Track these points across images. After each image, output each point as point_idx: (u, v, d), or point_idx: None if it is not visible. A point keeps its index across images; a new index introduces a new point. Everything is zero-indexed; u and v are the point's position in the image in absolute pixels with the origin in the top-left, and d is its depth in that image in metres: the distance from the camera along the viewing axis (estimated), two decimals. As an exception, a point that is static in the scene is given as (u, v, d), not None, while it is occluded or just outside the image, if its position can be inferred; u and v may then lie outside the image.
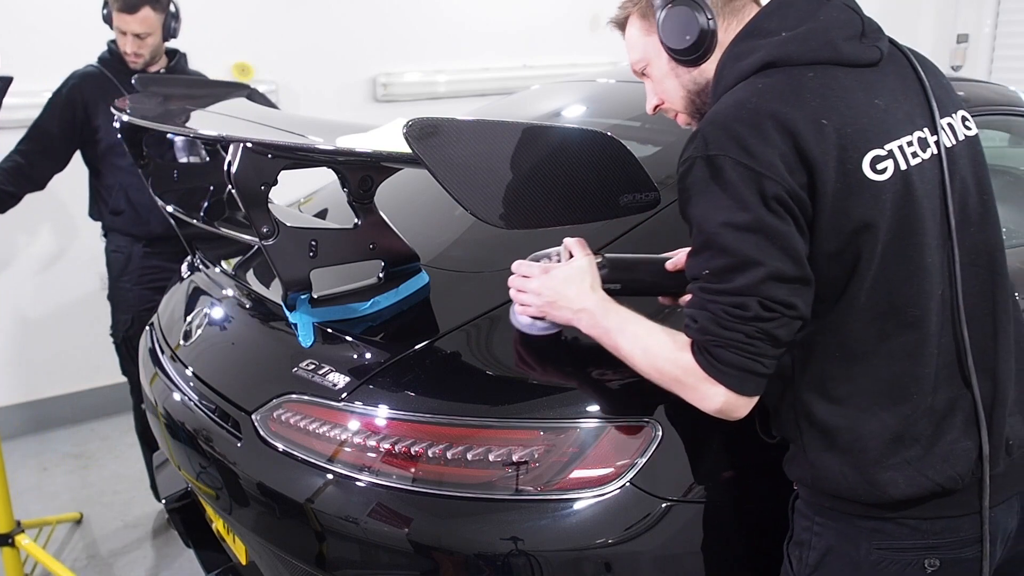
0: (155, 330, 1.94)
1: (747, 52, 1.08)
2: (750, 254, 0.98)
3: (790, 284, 1.00)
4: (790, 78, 1.04)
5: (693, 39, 1.11)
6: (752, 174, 0.98)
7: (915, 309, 1.05)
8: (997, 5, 5.46)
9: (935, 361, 1.06)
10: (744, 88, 1.05)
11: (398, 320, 1.47)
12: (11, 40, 3.04)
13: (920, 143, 1.07)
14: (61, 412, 3.41)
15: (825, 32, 1.07)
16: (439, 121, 1.06)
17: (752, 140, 0.99)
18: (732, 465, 1.32)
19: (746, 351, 1.00)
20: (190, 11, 3.37)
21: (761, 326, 0.99)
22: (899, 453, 1.06)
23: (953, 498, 1.08)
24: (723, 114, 1.03)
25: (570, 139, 1.18)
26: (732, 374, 1.01)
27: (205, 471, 1.52)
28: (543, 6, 4.29)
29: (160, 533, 2.62)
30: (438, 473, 1.26)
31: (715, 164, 1.00)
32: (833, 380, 1.08)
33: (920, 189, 1.05)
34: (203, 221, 1.60)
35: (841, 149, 1.00)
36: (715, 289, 1.01)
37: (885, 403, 1.06)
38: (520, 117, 2.10)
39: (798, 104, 1.01)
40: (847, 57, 1.07)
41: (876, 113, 1.05)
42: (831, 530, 1.13)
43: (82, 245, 3.32)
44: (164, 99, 1.90)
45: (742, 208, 0.98)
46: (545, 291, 1.23)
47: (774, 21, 1.09)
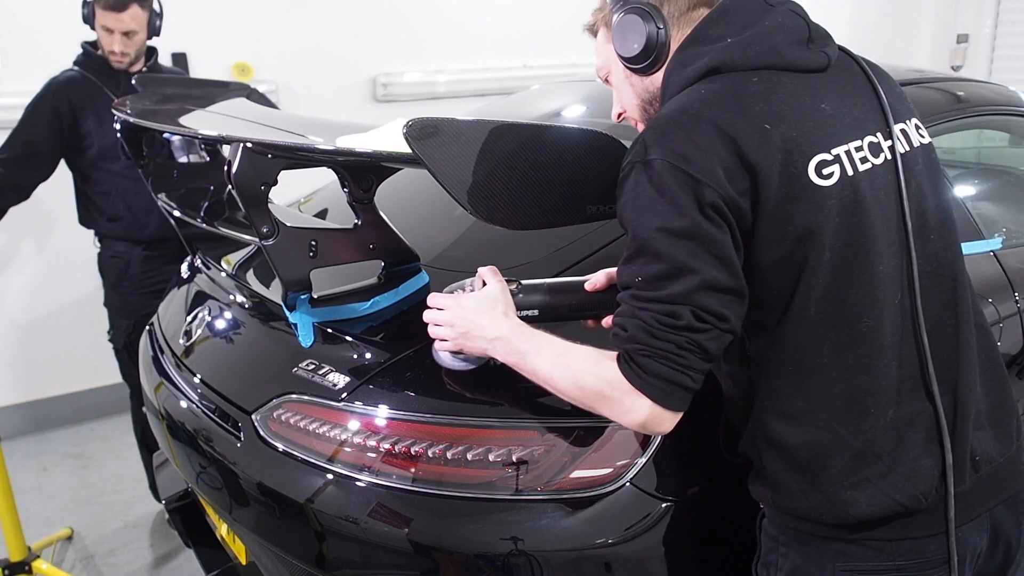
0: (155, 331, 1.94)
1: (692, 59, 1.07)
2: (685, 261, 0.96)
3: (723, 295, 0.98)
4: (734, 83, 1.03)
5: (641, 47, 1.10)
6: (690, 180, 0.96)
7: (868, 319, 1.02)
8: (997, 5, 5.46)
9: (894, 373, 1.04)
10: (687, 94, 1.04)
11: (398, 320, 1.47)
12: (11, 40, 3.04)
13: (871, 148, 1.06)
14: (61, 412, 3.41)
15: (769, 37, 1.05)
16: (439, 121, 1.06)
17: (691, 146, 0.97)
18: (732, 465, 1.32)
19: (675, 362, 0.97)
20: (190, 11, 3.38)
21: (692, 336, 0.97)
22: (860, 471, 1.04)
23: (917, 518, 1.05)
24: (664, 120, 1.02)
25: (570, 139, 1.18)
26: (659, 386, 0.98)
27: (205, 471, 1.52)
28: (543, 7, 4.29)
29: (160, 533, 2.62)
30: (438, 473, 1.26)
31: (653, 169, 0.98)
32: (788, 396, 1.06)
33: (870, 195, 1.03)
34: (203, 221, 1.60)
35: (786, 153, 0.99)
36: (647, 297, 0.98)
37: (842, 419, 1.04)
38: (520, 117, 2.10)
39: (740, 110, 1.00)
40: (792, 62, 1.05)
41: (822, 118, 1.03)
42: (796, 551, 1.11)
43: (82, 245, 3.31)
44: (164, 99, 1.90)
45: (678, 214, 0.96)
46: (458, 322, 1.18)
47: (719, 28, 1.08)
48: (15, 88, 3.04)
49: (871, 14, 5.39)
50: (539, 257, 1.49)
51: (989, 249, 1.79)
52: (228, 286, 1.78)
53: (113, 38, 2.49)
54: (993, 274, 1.77)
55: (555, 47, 4.35)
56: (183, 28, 3.37)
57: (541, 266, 1.48)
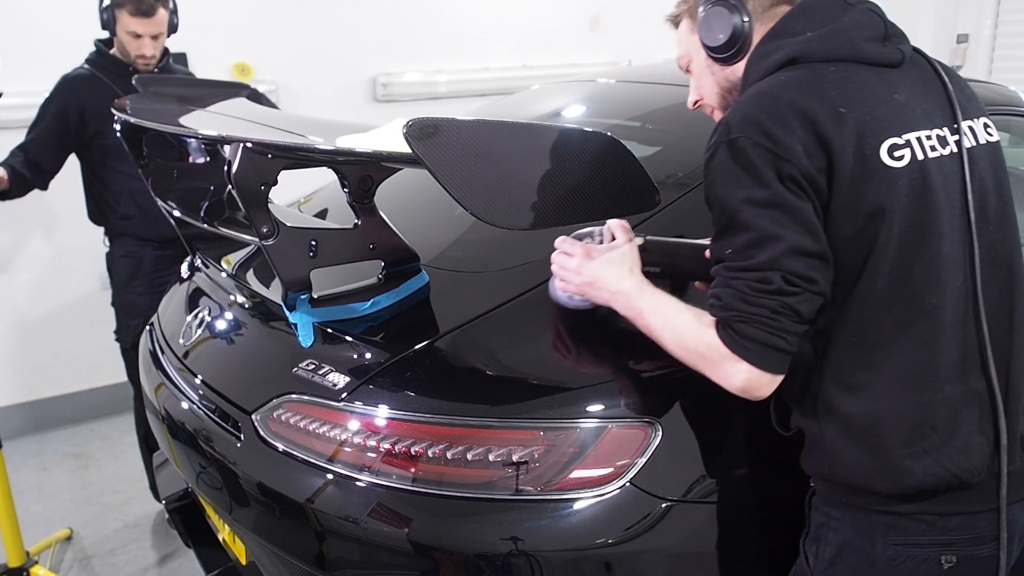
0: (155, 330, 1.94)
1: (772, 50, 1.14)
2: (770, 229, 1.02)
3: (810, 259, 1.03)
4: (811, 71, 1.09)
5: (726, 38, 1.17)
6: (770, 155, 1.03)
7: (932, 297, 1.07)
8: (997, 5, 5.46)
9: (953, 352, 1.08)
10: (767, 81, 1.11)
11: (398, 320, 1.46)
12: (11, 40, 3.04)
13: (939, 140, 1.11)
14: (61, 412, 3.41)
15: (847, 32, 1.11)
16: (439, 121, 1.06)
17: (772, 125, 1.03)
18: (732, 465, 1.32)
19: (769, 326, 1.03)
20: (190, 11, 3.37)
21: (784, 300, 1.02)
22: (916, 442, 1.08)
23: (968, 494, 1.09)
24: (745, 102, 1.09)
25: (570, 139, 1.18)
26: (755, 349, 1.04)
27: (205, 471, 1.52)
28: (543, 6, 4.29)
29: (160, 533, 2.62)
30: (438, 473, 1.26)
31: (736, 147, 1.05)
32: (851, 368, 1.10)
33: (937, 180, 1.08)
34: (203, 221, 1.60)
35: (859, 136, 1.04)
36: (738, 266, 1.05)
37: (902, 391, 1.08)
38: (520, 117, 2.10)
39: (817, 94, 1.06)
40: (868, 56, 1.11)
41: (895, 106, 1.09)
42: (847, 525, 1.14)
43: (82, 245, 3.32)
44: (164, 99, 1.90)
45: (761, 185, 1.03)
46: (585, 272, 1.25)
47: (799, 23, 1.14)
48: (15, 88, 3.04)
49: (871, 14, 5.37)
50: (539, 257, 1.49)
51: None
52: (228, 286, 1.78)
53: (143, 42, 2.53)
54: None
55: (555, 47, 4.35)
56: (183, 28, 3.36)
57: (541, 266, 1.48)
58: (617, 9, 4.48)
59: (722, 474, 1.31)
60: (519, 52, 4.26)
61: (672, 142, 1.87)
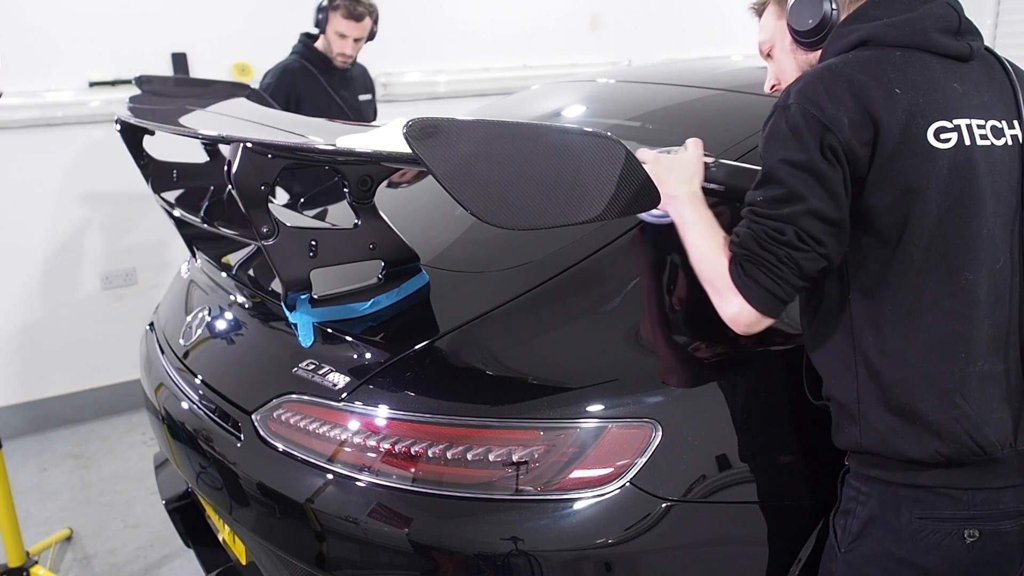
0: (155, 330, 1.94)
1: (848, 33, 1.21)
2: (798, 189, 1.11)
3: (826, 224, 1.11)
4: (878, 53, 1.17)
5: (816, 22, 1.25)
6: (818, 124, 1.11)
7: (968, 273, 1.13)
8: (997, 5, 5.46)
9: (985, 329, 1.14)
10: (836, 59, 1.18)
11: (398, 320, 1.46)
12: (11, 40, 3.04)
13: (993, 130, 1.16)
14: (61, 412, 3.40)
15: (921, 21, 1.17)
16: (439, 121, 1.06)
17: (825, 97, 1.11)
18: (732, 465, 1.32)
19: (771, 272, 1.12)
20: (190, 11, 3.38)
21: (791, 253, 1.11)
22: (947, 410, 1.12)
23: (993, 469, 1.14)
24: (810, 74, 1.17)
25: (570, 139, 1.18)
26: (754, 289, 1.14)
27: (205, 471, 1.52)
28: (543, 6, 4.28)
29: (160, 533, 2.62)
30: (438, 473, 1.26)
31: (790, 111, 1.13)
32: (887, 335, 1.15)
33: (983, 167, 1.13)
34: (203, 221, 1.60)
35: (910, 115, 1.11)
36: (762, 213, 1.14)
37: (936, 359, 1.13)
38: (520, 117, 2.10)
39: (877, 74, 1.13)
40: (936, 46, 1.17)
41: (950, 93, 1.15)
42: (874, 499, 1.18)
43: (82, 245, 3.32)
44: (164, 99, 1.90)
45: (801, 150, 1.11)
46: (654, 172, 1.29)
47: (879, 9, 1.21)
48: (15, 88, 3.04)
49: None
50: (539, 257, 1.49)
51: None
52: (228, 286, 1.78)
53: (346, 43, 3.05)
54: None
55: (555, 47, 4.35)
56: (183, 28, 3.37)
57: (541, 266, 1.48)
58: (617, 9, 4.48)
59: (722, 474, 1.31)
60: (519, 52, 4.26)
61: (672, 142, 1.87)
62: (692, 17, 4.62)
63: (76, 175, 3.26)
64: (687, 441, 1.29)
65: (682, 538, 1.27)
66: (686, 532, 1.27)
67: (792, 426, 1.37)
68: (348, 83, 3.26)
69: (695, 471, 1.29)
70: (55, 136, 3.17)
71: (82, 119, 3.20)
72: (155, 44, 3.34)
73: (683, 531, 1.27)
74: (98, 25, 3.21)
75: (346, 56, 3.09)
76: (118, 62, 3.25)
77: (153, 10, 3.29)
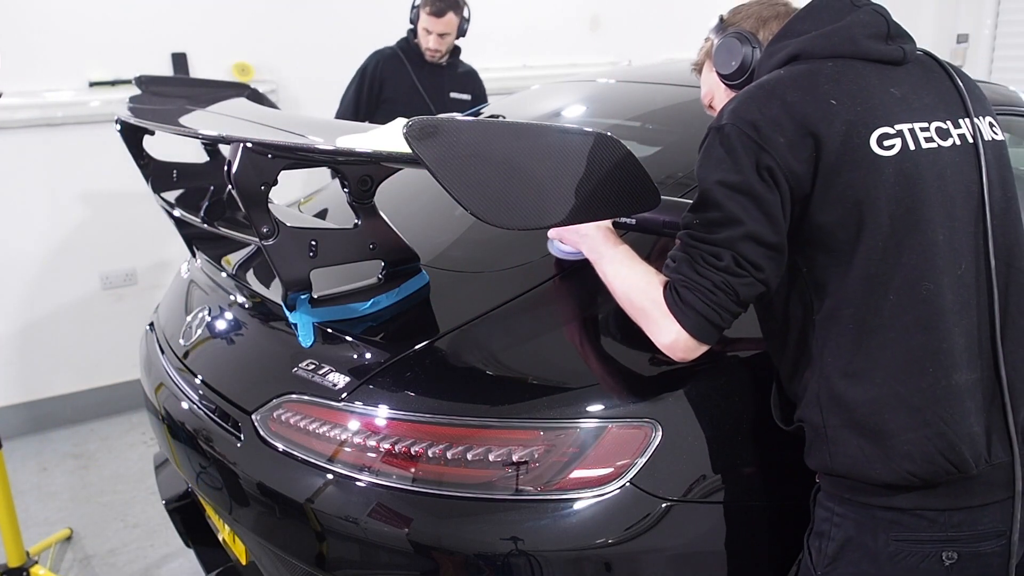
0: (155, 330, 1.94)
1: (778, 50, 1.21)
2: (735, 212, 1.08)
3: (764, 248, 1.09)
4: (810, 67, 1.15)
5: (738, 64, 1.28)
6: (753, 144, 1.09)
7: (928, 283, 1.09)
8: (997, 5, 5.46)
9: (954, 340, 1.10)
10: (768, 76, 1.18)
11: (398, 320, 1.46)
12: (11, 40, 3.04)
13: (939, 132, 1.14)
14: (61, 412, 3.40)
15: (848, 30, 1.16)
16: (439, 121, 1.06)
17: (759, 116, 1.10)
18: (732, 465, 1.32)
19: (709, 298, 1.10)
20: (190, 11, 3.38)
21: (728, 279, 1.09)
22: (916, 429, 1.09)
23: (969, 486, 1.10)
24: (744, 94, 1.15)
25: (570, 139, 1.18)
26: (691, 316, 1.11)
27: (205, 471, 1.52)
28: (543, 6, 4.28)
29: (160, 533, 2.62)
30: (438, 473, 1.26)
31: (724, 132, 1.12)
32: (852, 354, 1.12)
33: (931, 171, 1.11)
34: (203, 221, 1.60)
35: (849, 125, 1.09)
36: (699, 237, 1.12)
37: (902, 377, 1.09)
38: (520, 117, 2.10)
39: (811, 87, 1.12)
40: (868, 53, 1.16)
41: (889, 99, 1.13)
42: (850, 521, 1.15)
43: (82, 245, 3.32)
44: (164, 99, 1.90)
45: (736, 171, 1.09)
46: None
47: (805, 24, 1.21)
48: (15, 88, 3.04)
49: (871, 14, 5.37)
50: (539, 257, 1.49)
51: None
52: (228, 286, 1.78)
53: (431, 38, 3.16)
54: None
55: (555, 47, 4.35)
56: (183, 28, 3.37)
57: (541, 266, 1.48)
58: (617, 9, 4.48)
59: (722, 474, 1.31)
60: (519, 52, 4.26)
61: (672, 142, 1.87)
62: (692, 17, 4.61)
63: (76, 175, 3.26)
64: (687, 441, 1.29)
65: (682, 538, 1.27)
66: (686, 532, 1.27)
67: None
68: (440, 78, 3.32)
69: (695, 471, 1.29)
70: (55, 136, 3.17)
71: (82, 119, 3.20)
72: (155, 44, 3.34)
73: (683, 531, 1.27)
74: (98, 25, 3.21)
75: (432, 51, 3.19)
76: (118, 62, 3.25)
77: (153, 10, 3.29)
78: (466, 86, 3.43)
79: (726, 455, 1.32)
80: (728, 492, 1.31)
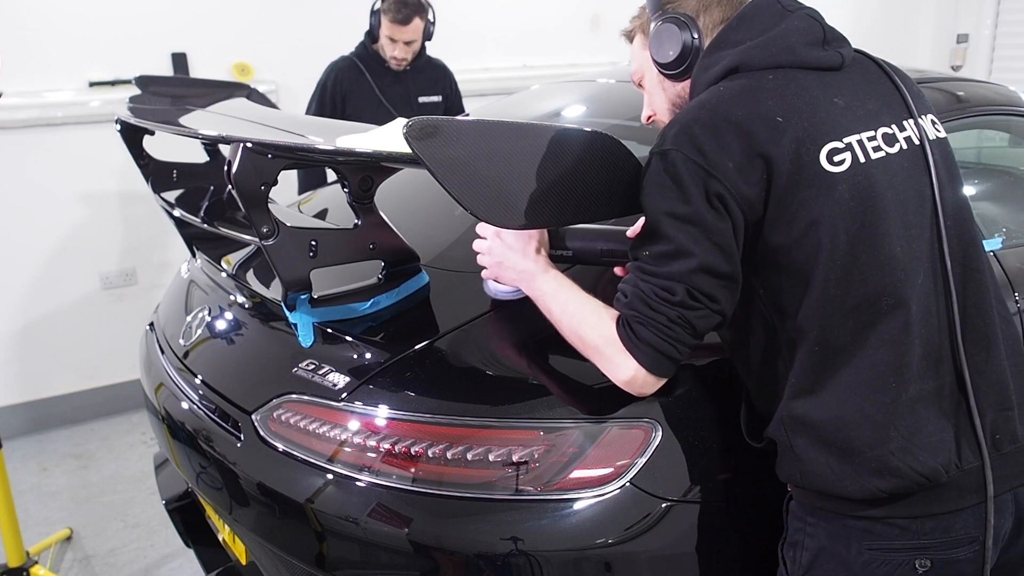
0: (155, 330, 1.94)
1: (714, 62, 1.15)
2: (685, 244, 1.05)
3: (718, 279, 1.06)
4: (751, 81, 1.10)
5: (676, 54, 1.19)
6: (701, 171, 1.04)
7: (889, 298, 1.06)
8: (997, 5, 5.46)
9: (916, 350, 1.07)
10: (708, 93, 1.12)
11: (398, 320, 1.47)
12: (11, 40, 3.04)
13: (885, 138, 1.11)
14: (61, 412, 3.40)
15: (785, 38, 1.13)
16: (439, 121, 1.06)
17: (705, 140, 1.05)
18: (732, 466, 1.32)
19: (664, 333, 1.07)
20: (190, 11, 3.38)
21: (683, 313, 1.06)
22: (883, 444, 1.06)
23: (939, 493, 1.08)
24: (685, 115, 1.09)
25: (570, 139, 1.18)
26: (647, 352, 1.08)
27: (205, 471, 1.52)
28: (543, 6, 4.28)
29: (160, 533, 2.62)
30: (438, 473, 1.26)
31: (668, 158, 1.07)
32: (816, 374, 1.09)
33: (883, 182, 1.08)
34: (203, 221, 1.60)
35: (798, 143, 1.05)
36: (649, 270, 1.08)
37: (866, 393, 1.07)
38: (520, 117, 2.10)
39: (755, 105, 1.07)
40: (807, 61, 1.12)
41: (834, 110, 1.10)
42: (823, 531, 1.13)
43: (82, 245, 3.32)
44: (164, 99, 1.90)
45: (685, 201, 1.05)
46: (495, 251, 1.29)
47: (739, 33, 1.15)
48: (15, 88, 3.04)
49: (870, 14, 5.39)
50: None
51: (989, 249, 1.79)
52: (228, 286, 1.78)
53: (396, 46, 3.00)
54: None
55: (555, 47, 4.35)
56: (183, 28, 3.37)
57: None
58: (617, 9, 4.47)
59: (723, 474, 1.31)
60: (519, 52, 4.26)
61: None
62: (692, 17, 4.61)
63: (76, 175, 3.26)
64: (687, 441, 1.29)
65: (682, 538, 1.27)
66: (686, 532, 1.27)
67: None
68: (405, 84, 3.16)
69: (695, 471, 1.29)
70: (55, 136, 3.18)
71: (82, 119, 3.20)
72: (155, 44, 3.34)
73: (683, 531, 1.27)
74: (98, 25, 3.21)
75: (398, 60, 3.05)
76: (118, 62, 3.25)
77: (153, 10, 3.29)
78: (435, 86, 3.27)
79: (726, 455, 1.32)
80: (728, 492, 1.31)
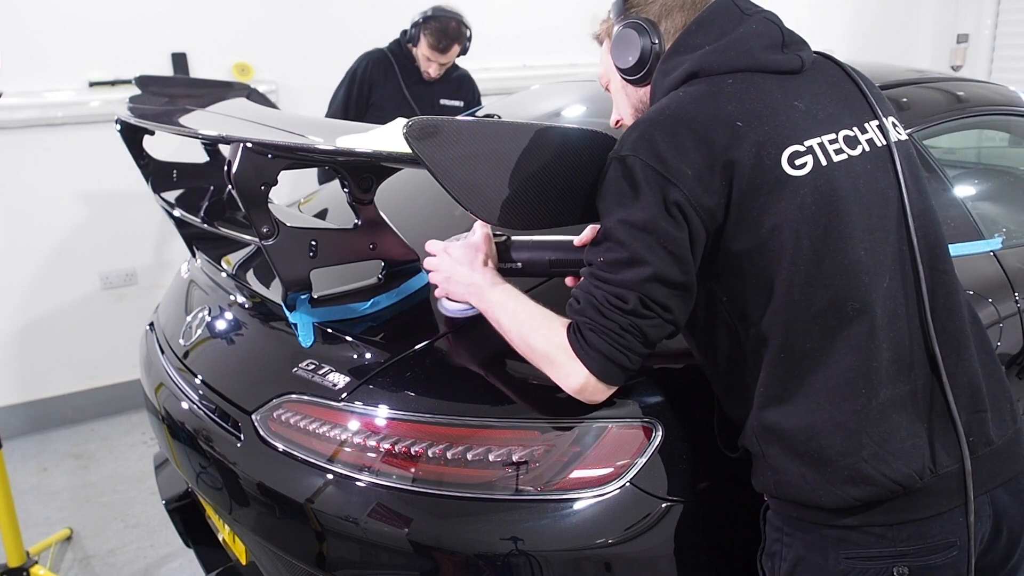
0: (155, 330, 1.94)
1: (673, 67, 1.15)
2: (640, 252, 1.04)
3: (671, 288, 1.05)
4: (710, 86, 1.09)
5: (635, 59, 1.19)
6: (659, 178, 1.03)
7: (854, 302, 1.05)
8: (997, 5, 5.46)
9: (884, 355, 1.06)
10: (668, 98, 1.11)
11: (398, 320, 1.47)
12: (11, 40, 3.04)
13: (847, 141, 1.10)
14: (61, 412, 3.40)
15: (744, 42, 1.12)
16: (439, 121, 1.06)
17: (664, 146, 1.04)
18: (732, 465, 1.32)
19: (616, 341, 1.06)
20: (190, 11, 3.38)
21: (635, 321, 1.05)
22: (855, 452, 1.05)
23: (914, 499, 1.06)
24: (644, 120, 1.09)
25: (570, 139, 1.18)
26: (598, 359, 1.07)
27: (205, 471, 1.52)
28: (543, 6, 4.28)
29: (160, 533, 2.62)
30: (438, 473, 1.26)
31: (626, 164, 1.05)
32: (784, 382, 1.08)
33: (846, 184, 1.07)
34: (203, 221, 1.60)
35: (759, 147, 1.04)
36: (603, 277, 1.07)
37: (835, 400, 1.05)
38: (520, 117, 2.10)
39: (714, 110, 1.06)
40: (766, 64, 1.11)
41: (795, 113, 1.09)
42: (799, 540, 1.12)
43: (82, 245, 3.32)
44: (164, 99, 1.90)
45: (640, 208, 1.04)
46: (444, 267, 1.30)
47: (697, 38, 1.15)
48: (15, 88, 3.04)
49: (870, 14, 5.39)
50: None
51: (989, 249, 1.79)
52: (228, 286, 1.78)
53: (431, 65, 3.12)
54: (993, 274, 1.77)
55: (555, 47, 4.35)
56: (183, 28, 3.37)
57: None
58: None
59: (722, 474, 1.31)
60: (519, 52, 4.26)
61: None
62: (692, 17, 4.61)
63: (76, 175, 3.26)
64: (687, 441, 1.29)
65: (682, 538, 1.27)
66: (686, 532, 1.27)
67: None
68: (430, 85, 3.24)
69: (695, 471, 1.29)
70: (55, 136, 3.18)
71: (82, 119, 3.20)
72: (155, 44, 3.34)
73: (683, 531, 1.27)
74: (98, 25, 3.21)
75: (430, 75, 3.16)
76: (118, 62, 3.25)
77: (153, 10, 3.29)
78: (458, 91, 3.35)
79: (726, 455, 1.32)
80: (728, 492, 1.31)
